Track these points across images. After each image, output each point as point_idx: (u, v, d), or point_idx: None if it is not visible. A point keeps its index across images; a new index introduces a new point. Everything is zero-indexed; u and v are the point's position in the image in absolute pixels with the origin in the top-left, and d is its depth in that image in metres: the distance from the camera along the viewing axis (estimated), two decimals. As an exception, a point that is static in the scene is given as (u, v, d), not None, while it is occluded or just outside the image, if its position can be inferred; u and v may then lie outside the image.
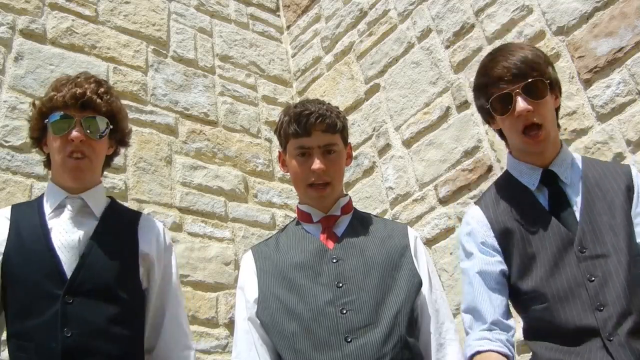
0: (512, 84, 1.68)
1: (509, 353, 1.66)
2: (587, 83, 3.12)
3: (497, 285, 1.72)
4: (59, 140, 1.78)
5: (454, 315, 1.88)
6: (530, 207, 1.74)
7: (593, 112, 3.07)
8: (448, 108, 3.75)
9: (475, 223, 1.80)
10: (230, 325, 3.45)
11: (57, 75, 3.47)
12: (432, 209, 3.67)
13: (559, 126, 1.82)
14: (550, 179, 1.75)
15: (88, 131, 1.78)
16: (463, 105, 3.67)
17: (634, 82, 2.93)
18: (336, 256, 1.72)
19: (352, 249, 1.74)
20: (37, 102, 1.86)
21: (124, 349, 1.70)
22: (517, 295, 1.73)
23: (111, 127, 1.84)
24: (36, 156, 3.20)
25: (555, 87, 1.77)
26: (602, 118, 3.02)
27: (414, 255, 1.78)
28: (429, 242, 3.56)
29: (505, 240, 1.74)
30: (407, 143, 3.94)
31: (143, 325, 1.83)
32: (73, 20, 3.90)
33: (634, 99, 2.93)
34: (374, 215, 1.96)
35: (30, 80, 3.52)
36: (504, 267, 1.74)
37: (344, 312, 1.62)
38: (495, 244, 1.75)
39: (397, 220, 3.50)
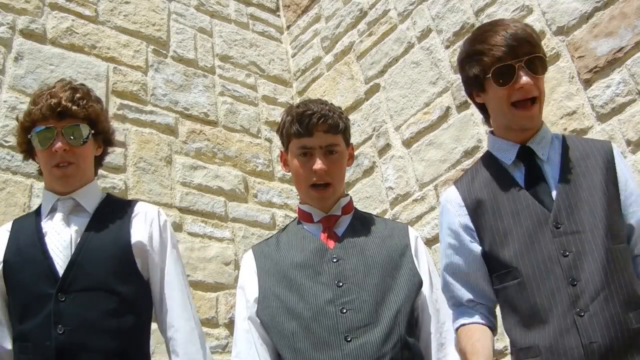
0: (514, 56, 1.66)
1: (489, 324, 1.70)
2: (587, 83, 3.12)
3: (474, 264, 1.72)
4: (44, 153, 1.82)
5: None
6: (504, 182, 1.72)
7: (593, 112, 3.08)
8: (448, 108, 3.75)
9: (449, 204, 1.80)
10: (230, 325, 3.45)
11: (57, 75, 3.49)
12: (432, 209, 3.67)
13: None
14: (527, 156, 1.73)
15: (71, 138, 1.81)
16: (463, 105, 3.67)
17: (634, 82, 2.93)
18: (336, 256, 1.72)
19: (353, 248, 1.74)
20: (19, 117, 1.90)
21: (122, 343, 1.71)
22: (491, 272, 1.71)
23: (92, 131, 1.87)
24: (36, 156, 3.20)
25: (546, 66, 1.77)
26: (602, 118, 3.03)
27: (415, 254, 1.78)
28: (429, 242, 3.56)
29: (477, 217, 1.73)
30: (407, 143, 3.94)
31: (149, 318, 1.84)
32: (73, 20, 3.90)
33: (634, 99, 2.93)
34: (375, 215, 1.96)
35: (30, 80, 3.52)
36: (477, 247, 1.72)
37: (344, 311, 1.62)
38: (469, 223, 1.74)
39: (398, 220, 3.50)
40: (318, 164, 1.75)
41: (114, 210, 1.90)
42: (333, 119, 1.77)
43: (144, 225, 1.87)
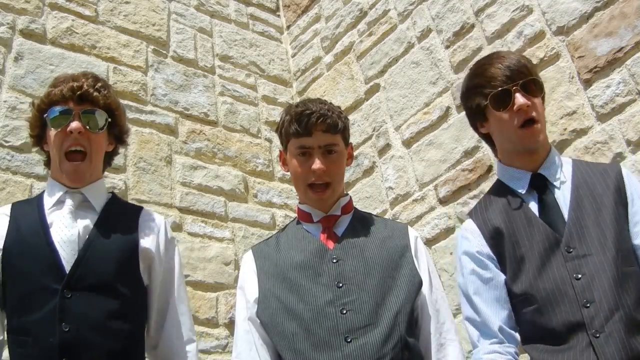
0: (511, 81, 1.74)
1: None
2: (587, 83, 3.12)
3: (498, 296, 1.74)
4: (58, 135, 1.79)
5: (454, 315, 1.87)
6: (519, 211, 1.76)
7: (593, 112, 3.07)
8: (448, 108, 3.75)
9: (469, 234, 1.84)
10: (230, 325, 3.45)
11: (57, 75, 3.48)
12: (432, 209, 3.67)
13: None
14: (540, 182, 1.77)
15: (87, 125, 1.79)
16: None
17: (634, 82, 2.93)
18: (336, 256, 1.72)
19: (352, 249, 1.74)
20: (36, 101, 1.87)
21: (122, 344, 1.70)
22: (511, 300, 1.74)
23: (109, 120, 1.85)
24: (36, 156, 3.20)
25: (543, 91, 1.84)
26: (602, 118, 3.02)
27: (414, 255, 1.78)
28: (429, 242, 3.56)
29: (497, 246, 1.77)
30: (407, 143, 3.94)
31: (143, 321, 1.83)
32: (73, 20, 3.90)
33: (634, 99, 2.93)
34: (375, 215, 1.95)
35: (30, 80, 3.52)
36: (502, 276, 1.76)
37: (344, 312, 1.62)
38: (490, 251, 1.78)
39: (398, 220, 3.50)
40: (317, 164, 1.75)
41: (122, 212, 1.89)
42: (332, 119, 1.77)
43: (152, 234, 1.87)
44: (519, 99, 1.72)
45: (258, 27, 5.02)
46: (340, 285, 1.66)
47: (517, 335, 1.73)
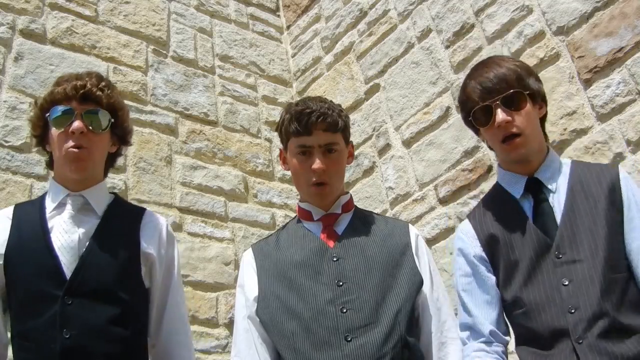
0: (490, 97, 1.75)
1: None
2: (587, 83, 3.12)
3: (488, 299, 1.77)
4: (60, 135, 1.76)
5: (456, 314, 1.87)
6: (513, 215, 1.78)
7: (593, 112, 3.07)
8: (448, 108, 3.75)
9: (464, 236, 1.86)
10: (230, 325, 3.44)
11: (57, 75, 3.47)
12: (432, 209, 3.67)
13: (546, 136, 1.87)
14: (535, 187, 1.78)
15: (90, 125, 1.76)
16: (463, 105, 3.66)
17: (634, 82, 2.93)
18: (337, 255, 1.71)
19: (353, 247, 1.73)
20: (38, 100, 1.85)
21: (123, 350, 1.69)
22: (503, 302, 1.77)
23: (113, 120, 1.82)
24: (36, 156, 3.20)
25: (537, 97, 1.82)
26: (602, 118, 3.02)
27: (415, 253, 1.77)
28: (429, 242, 3.56)
29: (491, 249, 1.79)
30: (407, 143, 3.94)
31: (145, 325, 1.82)
32: (73, 20, 3.90)
33: (634, 99, 2.93)
34: (375, 214, 1.95)
35: (30, 80, 3.52)
36: (493, 278, 1.78)
37: (344, 311, 1.61)
38: (483, 254, 1.80)
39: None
40: (317, 163, 1.74)
41: (123, 216, 1.86)
42: (332, 117, 1.76)
43: (153, 236, 1.85)
44: (499, 115, 1.72)
45: (258, 27, 5.02)
46: (341, 284, 1.66)
47: (507, 338, 1.77)
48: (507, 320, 1.79)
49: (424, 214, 3.71)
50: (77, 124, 1.74)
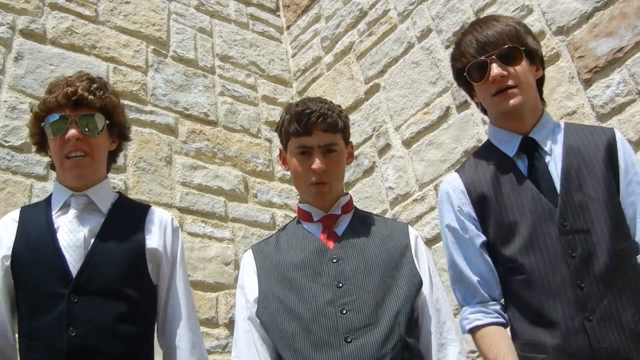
0: (485, 53, 1.72)
1: (505, 321, 1.69)
2: (587, 83, 3.12)
3: (480, 257, 1.72)
4: (57, 142, 1.79)
5: (455, 315, 1.87)
6: (509, 174, 1.72)
7: (593, 112, 3.07)
8: (448, 108, 3.75)
9: (452, 190, 1.80)
10: (230, 325, 3.45)
11: (57, 75, 3.49)
12: (432, 209, 3.67)
13: (543, 100, 1.82)
14: (530, 147, 1.73)
15: (85, 129, 1.78)
16: (463, 105, 3.67)
17: (634, 82, 2.93)
18: (336, 256, 1.72)
19: (353, 248, 1.74)
20: (34, 107, 1.87)
21: (130, 348, 1.70)
22: (496, 264, 1.72)
23: (107, 122, 1.84)
24: (36, 156, 3.20)
25: (535, 57, 1.78)
26: (602, 118, 3.02)
27: (415, 254, 1.77)
28: (429, 242, 3.56)
29: (481, 207, 1.73)
30: (407, 143, 3.94)
31: (153, 322, 1.83)
32: (73, 20, 3.91)
33: (634, 99, 2.93)
34: (375, 215, 1.95)
35: (30, 80, 3.52)
36: (482, 237, 1.73)
37: (344, 312, 1.61)
38: (472, 211, 1.75)
39: (398, 220, 3.49)
40: (317, 164, 1.74)
41: (128, 213, 1.88)
42: (332, 118, 1.76)
43: (158, 233, 1.86)
44: (494, 69, 1.69)
45: (258, 27, 5.02)
46: (340, 285, 1.66)
47: (500, 291, 1.71)
48: (498, 280, 1.72)
49: (424, 214, 3.71)
50: (72, 131, 1.76)
